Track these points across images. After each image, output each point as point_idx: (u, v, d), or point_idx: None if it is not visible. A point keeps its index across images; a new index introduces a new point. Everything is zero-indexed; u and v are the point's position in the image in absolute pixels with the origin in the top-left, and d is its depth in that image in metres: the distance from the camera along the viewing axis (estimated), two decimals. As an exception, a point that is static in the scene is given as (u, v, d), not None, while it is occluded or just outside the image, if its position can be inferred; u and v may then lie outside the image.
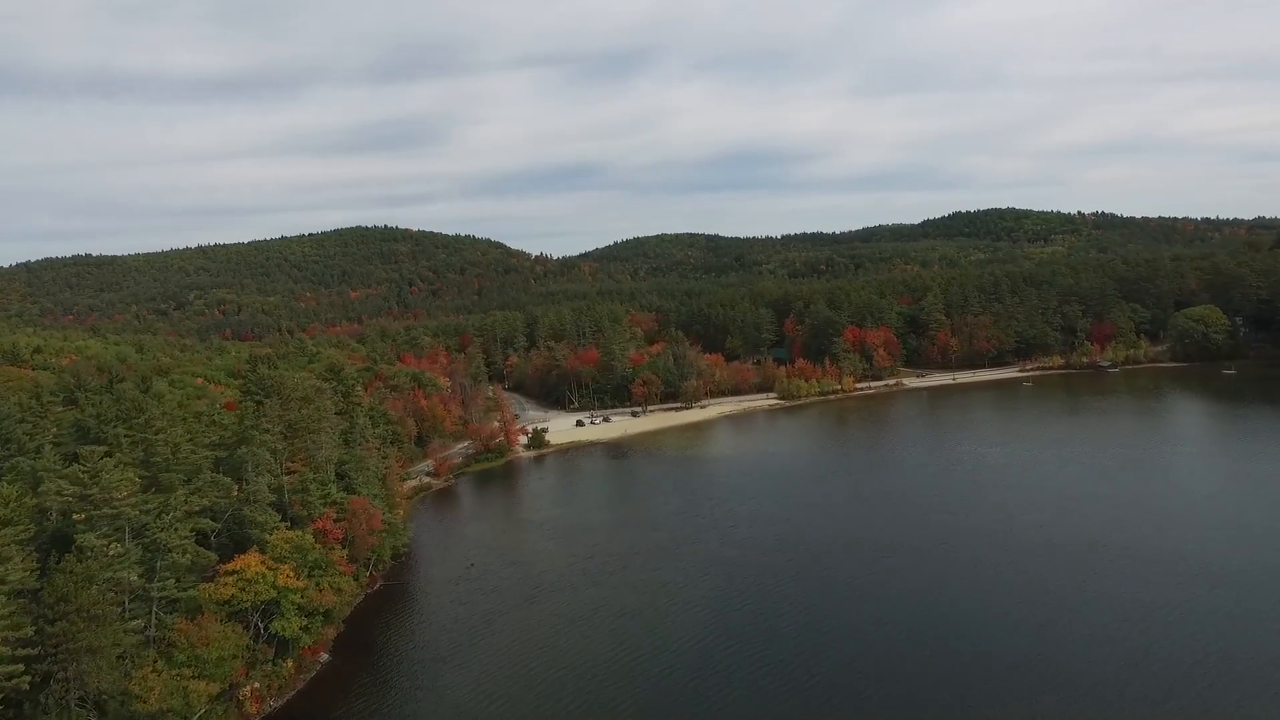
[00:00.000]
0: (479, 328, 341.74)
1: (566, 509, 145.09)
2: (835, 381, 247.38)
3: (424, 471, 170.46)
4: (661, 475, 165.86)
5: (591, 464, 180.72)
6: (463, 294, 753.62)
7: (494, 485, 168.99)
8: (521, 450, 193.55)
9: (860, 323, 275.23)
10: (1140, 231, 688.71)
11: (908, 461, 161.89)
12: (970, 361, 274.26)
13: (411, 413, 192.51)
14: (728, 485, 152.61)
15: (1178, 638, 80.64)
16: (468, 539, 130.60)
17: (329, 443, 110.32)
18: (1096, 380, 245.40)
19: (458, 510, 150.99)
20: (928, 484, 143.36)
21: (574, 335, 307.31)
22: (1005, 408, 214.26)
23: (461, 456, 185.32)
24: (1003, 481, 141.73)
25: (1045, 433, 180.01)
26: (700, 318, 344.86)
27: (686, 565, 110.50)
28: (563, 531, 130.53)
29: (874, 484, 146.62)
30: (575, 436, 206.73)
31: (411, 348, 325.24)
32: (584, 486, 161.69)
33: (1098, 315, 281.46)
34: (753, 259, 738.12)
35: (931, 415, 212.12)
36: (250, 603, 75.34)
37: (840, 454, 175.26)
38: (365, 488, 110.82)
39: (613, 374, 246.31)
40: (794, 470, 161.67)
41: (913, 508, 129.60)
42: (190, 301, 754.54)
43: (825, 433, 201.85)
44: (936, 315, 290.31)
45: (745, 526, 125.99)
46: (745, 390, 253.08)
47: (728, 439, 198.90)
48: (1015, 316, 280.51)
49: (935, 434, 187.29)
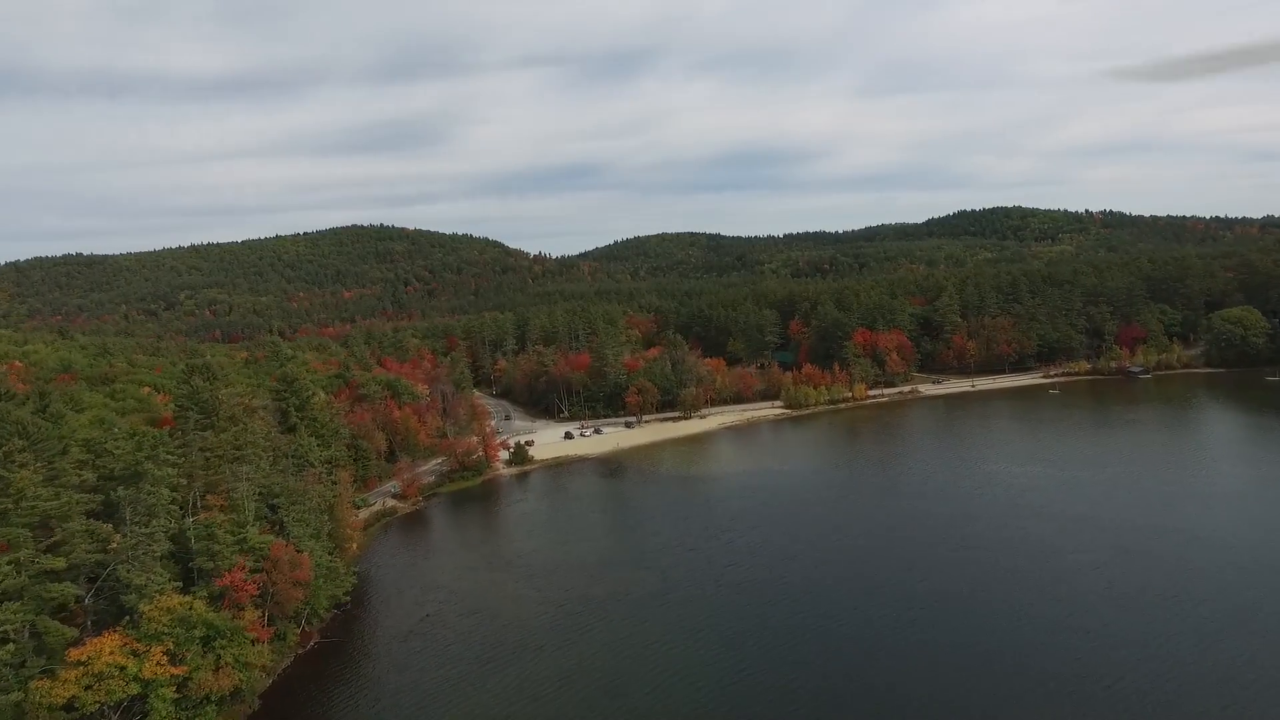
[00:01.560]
0: (466, 329, 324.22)
1: (544, 540, 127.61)
2: (845, 388, 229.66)
3: (389, 492, 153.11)
4: (654, 498, 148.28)
5: (578, 484, 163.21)
6: (459, 294, 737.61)
7: (468, 509, 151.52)
8: (502, 467, 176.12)
9: (871, 325, 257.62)
10: (1149, 230, 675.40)
11: (930, 483, 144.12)
12: (989, 367, 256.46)
13: (382, 425, 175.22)
14: (728, 511, 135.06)
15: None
16: (429, 578, 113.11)
17: (258, 472, 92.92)
18: (1127, 388, 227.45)
19: (423, 540, 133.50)
20: (956, 511, 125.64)
21: (566, 338, 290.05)
22: (1032, 418, 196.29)
23: (435, 474, 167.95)
24: (1042, 509, 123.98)
25: (1081, 449, 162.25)
26: (700, 319, 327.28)
27: (677, 618, 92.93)
28: (538, 570, 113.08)
29: (894, 511, 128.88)
30: (562, 450, 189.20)
31: (395, 351, 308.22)
32: (567, 512, 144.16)
33: (1124, 317, 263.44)
34: (755, 258, 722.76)
35: (952, 427, 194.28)
36: (101, 704, 57.94)
37: (854, 473, 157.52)
38: (299, 526, 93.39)
39: (605, 381, 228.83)
40: (802, 493, 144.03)
41: (941, 542, 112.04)
42: (180, 302, 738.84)
43: (836, 447, 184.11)
44: (952, 317, 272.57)
45: (746, 564, 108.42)
46: (748, 398, 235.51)
47: (729, 454, 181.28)
48: (1037, 318, 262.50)
49: (958, 449, 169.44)
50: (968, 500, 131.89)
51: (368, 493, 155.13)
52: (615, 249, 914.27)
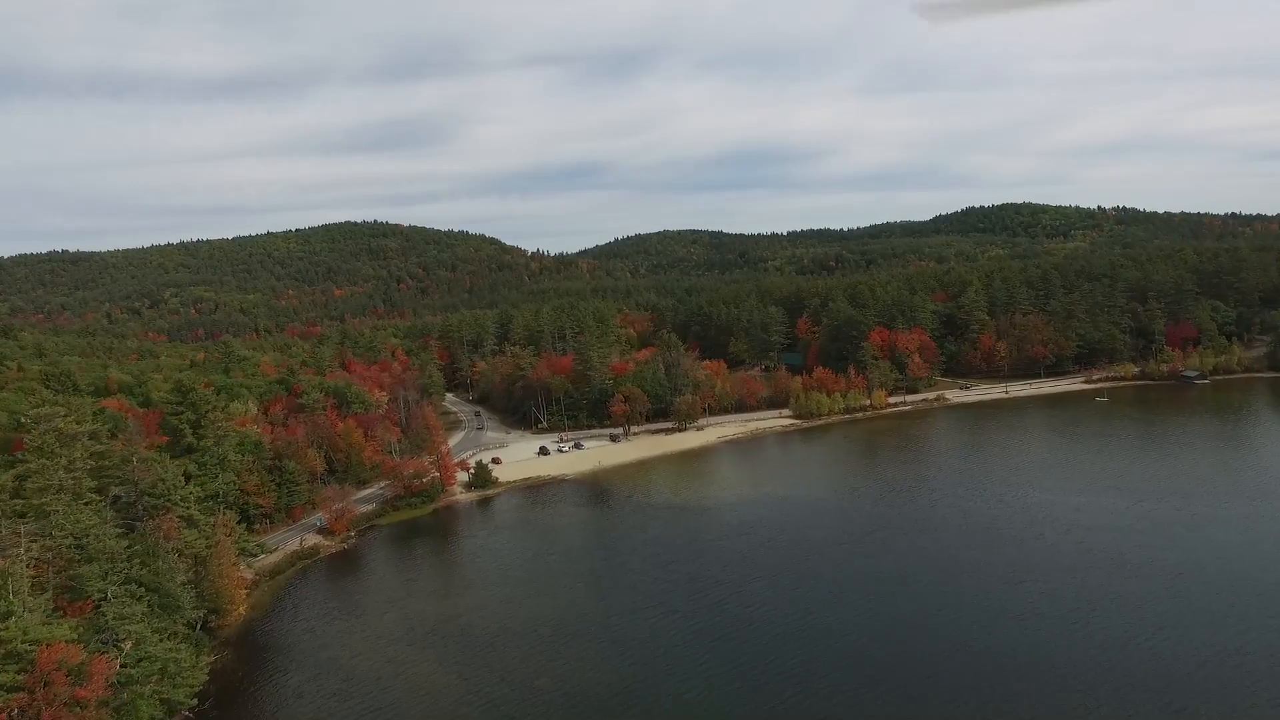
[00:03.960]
0: (443, 329, 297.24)
1: (492, 592, 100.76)
2: (863, 395, 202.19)
3: (313, 526, 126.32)
4: (634, 536, 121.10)
5: (546, 514, 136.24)
6: (453, 292, 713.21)
7: (409, 547, 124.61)
8: (460, 491, 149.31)
9: (889, 323, 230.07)
10: (1164, 226, 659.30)
11: (973, 518, 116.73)
12: (1022, 370, 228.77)
13: (318, 440, 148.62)
14: (725, 555, 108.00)
15: None
16: (328, 652, 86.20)
17: (56, 527, 66.27)
18: (1184, 395, 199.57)
19: (341, 592, 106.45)
20: (1012, 561, 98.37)
21: (551, 338, 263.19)
22: (1081, 432, 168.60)
23: (376, 502, 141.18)
24: (1128, 557, 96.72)
25: (1151, 471, 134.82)
26: (700, 317, 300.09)
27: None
28: (475, 640, 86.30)
29: (932, 561, 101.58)
30: (534, 470, 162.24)
31: (367, 352, 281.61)
32: (526, 552, 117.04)
33: (1172, 315, 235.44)
34: (758, 255, 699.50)
35: (988, 442, 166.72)
36: None
37: (877, 503, 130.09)
38: (122, 604, 66.53)
39: (590, 386, 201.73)
40: (814, 530, 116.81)
41: (1001, 606, 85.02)
42: (165, 300, 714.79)
43: (854, 468, 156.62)
44: (979, 314, 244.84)
45: (750, 646, 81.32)
46: (752, 405, 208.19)
47: (728, 475, 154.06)
48: (1075, 316, 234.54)
49: (1000, 471, 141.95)
50: (1023, 544, 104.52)
51: (290, 526, 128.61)
52: (615, 247, 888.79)
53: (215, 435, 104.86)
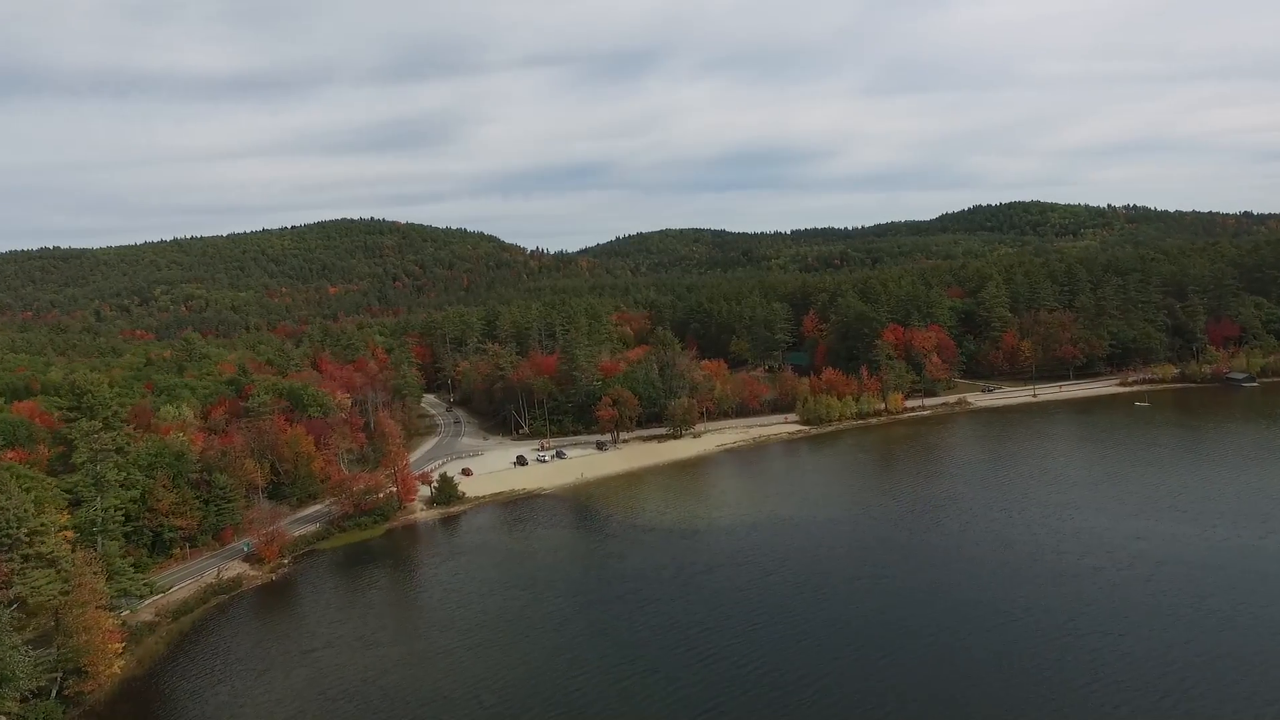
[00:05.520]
0: (426, 325, 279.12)
1: (428, 643, 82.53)
2: (877, 399, 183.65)
3: (239, 552, 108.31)
4: (613, 567, 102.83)
5: (512, 538, 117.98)
6: (449, 290, 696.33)
7: (351, 576, 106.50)
8: (421, 508, 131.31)
9: (904, 320, 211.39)
10: (1177, 225, 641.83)
11: (1018, 546, 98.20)
12: (1049, 371, 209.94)
13: (264, 449, 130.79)
14: (717, 593, 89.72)
15: None
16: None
17: None
18: (1230, 399, 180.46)
19: (252, 637, 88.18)
20: (1072, 609, 79.88)
21: (540, 335, 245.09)
22: (1125, 441, 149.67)
23: (323, 521, 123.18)
24: (1212, 603, 78.04)
25: (1219, 491, 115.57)
26: (699, 314, 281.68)
27: None
28: (393, 712, 68.22)
29: (973, 601, 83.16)
30: (509, 483, 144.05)
31: (344, 349, 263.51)
32: (480, 587, 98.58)
33: (1212, 312, 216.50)
34: (761, 253, 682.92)
35: (1020, 452, 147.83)
36: None
37: (898, 529, 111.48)
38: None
39: (576, 388, 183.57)
40: (825, 563, 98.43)
41: (1068, 677, 66.66)
42: (155, 297, 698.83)
43: (870, 484, 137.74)
44: (1000, 311, 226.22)
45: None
46: (755, 409, 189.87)
47: (726, 492, 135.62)
48: (1108, 313, 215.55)
49: (1041, 487, 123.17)
50: (1081, 584, 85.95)
51: (217, 551, 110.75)
52: (617, 245, 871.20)
53: (90, 450, 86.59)
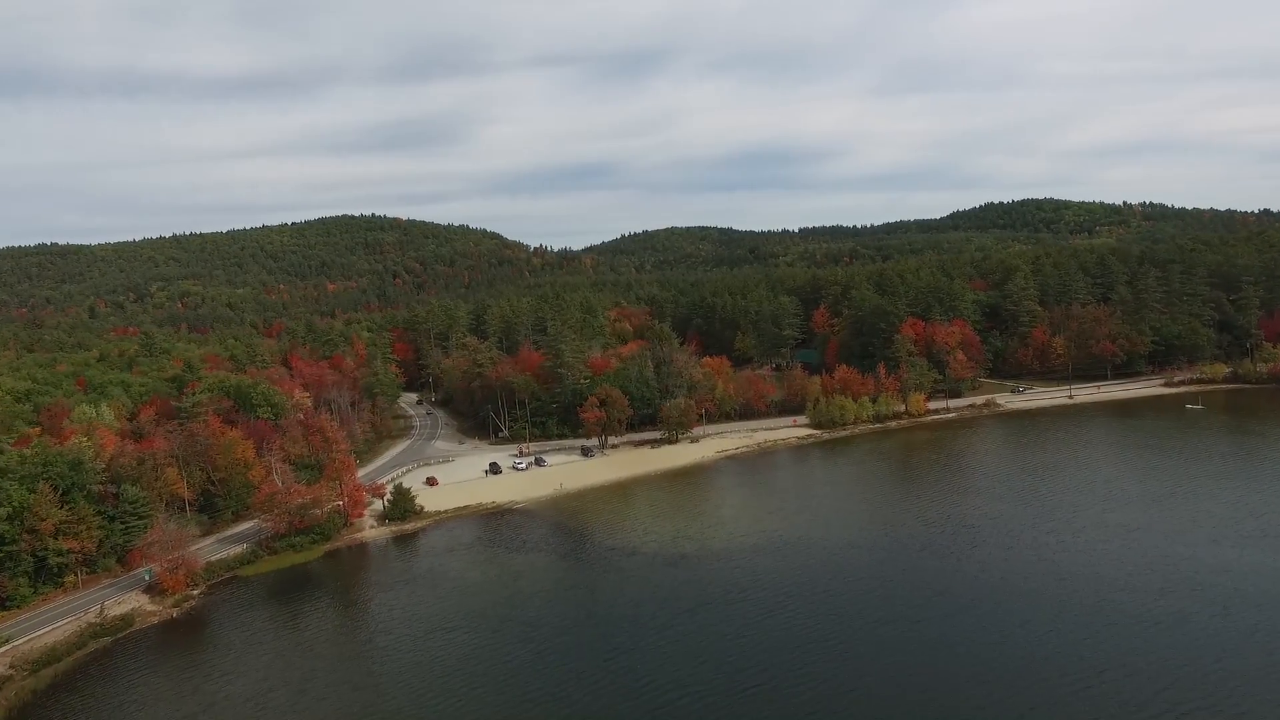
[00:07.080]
0: (409, 320, 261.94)
1: (338, 706, 64.83)
2: (896, 399, 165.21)
3: (140, 581, 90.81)
4: (581, 604, 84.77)
5: (467, 563, 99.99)
6: (450, 287, 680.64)
7: (271, 611, 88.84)
8: (372, 524, 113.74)
9: (924, 314, 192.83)
10: (1195, 222, 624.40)
11: (1075, 580, 79.82)
12: (1085, 370, 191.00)
13: (191, 457, 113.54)
14: (704, 640, 71.65)
15: None
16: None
17: None
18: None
19: (116, 700, 70.49)
20: (1159, 667, 61.68)
21: (530, 330, 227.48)
22: (1181, 449, 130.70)
23: (250, 542, 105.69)
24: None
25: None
26: (703, 309, 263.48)
27: None
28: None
29: (1030, 655, 64.95)
30: (477, 495, 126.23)
31: (323, 345, 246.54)
32: (417, 627, 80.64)
33: (1264, 305, 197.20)
34: (769, 251, 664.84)
35: (1061, 461, 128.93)
36: None
37: (930, 550, 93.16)
38: None
39: (562, 387, 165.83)
40: (841, 597, 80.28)
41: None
42: (152, 294, 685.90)
43: (893, 495, 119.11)
44: (1029, 304, 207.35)
45: None
46: (760, 411, 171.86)
47: (724, 507, 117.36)
48: (1149, 307, 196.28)
49: (1093, 504, 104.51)
50: (1169, 634, 67.67)
51: (119, 577, 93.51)
52: (622, 243, 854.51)
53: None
